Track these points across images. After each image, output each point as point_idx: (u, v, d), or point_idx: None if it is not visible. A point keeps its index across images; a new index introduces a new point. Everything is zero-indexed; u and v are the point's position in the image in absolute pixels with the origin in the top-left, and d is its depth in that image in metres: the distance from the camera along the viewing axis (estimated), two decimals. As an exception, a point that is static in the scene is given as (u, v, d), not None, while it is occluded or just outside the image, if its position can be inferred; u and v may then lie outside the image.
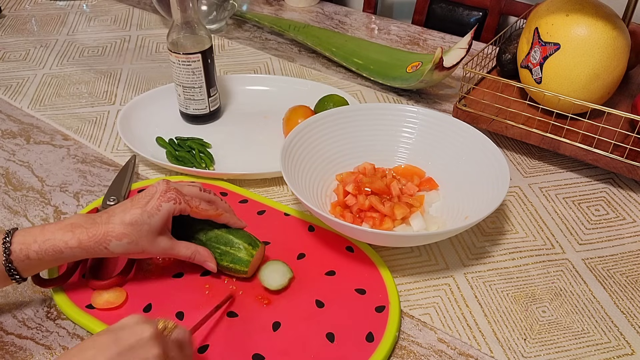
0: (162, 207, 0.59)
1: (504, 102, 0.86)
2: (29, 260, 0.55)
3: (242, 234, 0.64)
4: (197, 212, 0.61)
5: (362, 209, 0.71)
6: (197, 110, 0.90)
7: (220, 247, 0.63)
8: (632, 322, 0.63)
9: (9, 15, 1.32)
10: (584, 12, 0.76)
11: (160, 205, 0.59)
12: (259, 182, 0.81)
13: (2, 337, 0.60)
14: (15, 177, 0.83)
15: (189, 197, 0.61)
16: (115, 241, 0.57)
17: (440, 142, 0.79)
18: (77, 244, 0.56)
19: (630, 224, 0.75)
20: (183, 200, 0.60)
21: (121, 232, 0.57)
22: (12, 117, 0.96)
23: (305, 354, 0.57)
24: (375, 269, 0.66)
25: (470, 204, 0.70)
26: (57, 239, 0.56)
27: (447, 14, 1.38)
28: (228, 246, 0.63)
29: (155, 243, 0.59)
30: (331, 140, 0.79)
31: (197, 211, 0.61)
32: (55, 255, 0.56)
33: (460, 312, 0.64)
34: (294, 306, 0.62)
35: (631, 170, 0.76)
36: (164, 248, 0.60)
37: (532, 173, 0.84)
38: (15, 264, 0.55)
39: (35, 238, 0.55)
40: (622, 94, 0.90)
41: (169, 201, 0.59)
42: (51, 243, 0.55)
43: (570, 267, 0.69)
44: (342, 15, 1.33)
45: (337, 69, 1.11)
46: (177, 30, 0.85)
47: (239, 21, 1.30)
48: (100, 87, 1.05)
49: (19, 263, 0.55)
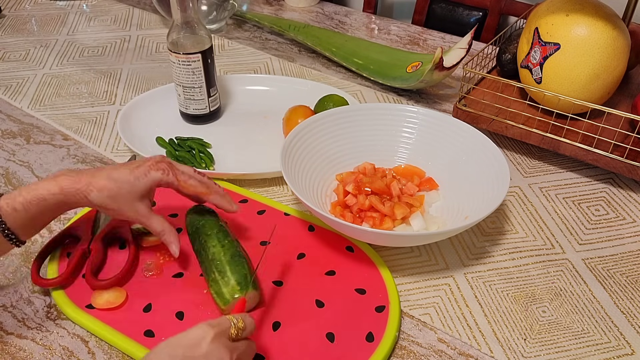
0: (149, 174, 0.60)
1: (504, 102, 0.86)
2: (16, 212, 0.55)
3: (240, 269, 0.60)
4: (185, 187, 0.63)
5: (362, 209, 0.71)
6: (197, 110, 0.90)
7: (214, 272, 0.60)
8: (632, 322, 0.63)
9: (9, 15, 1.32)
10: (584, 12, 0.76)
11: (148, 172, 0.60)
12: (259, 182, 0.81)
13: (2, 337, 0.60)
14: (15, 177, 0.83)
15: (179, 171, 0.63)
16: (96, 192, 0.58)
17: (440, 142, 0.79)
18: (59, 190, 0.57)
19: (630, 224, 0.75)
20: (172, 173, 0.62)
21: (104, 184, 0.58)
22: (12, 117, 0.96)
23: (305, 354, 0.57)
24: (375, 268, 0.66)
25: (470, 204, 0.70)
26: (40, 187, 0.57)
27: (447, 14, 1.38)
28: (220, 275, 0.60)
29: (133, 205, 0.60)
30: (331, 140, 0.79)
31: (185, 185, 0.63)
32: (39, 204, 0.56)
33: (460, 312, 0.64)
34: (294, 306, 0.62)
35: (631, 170, 0.76)
36: (139, 213, 0.61)
37: (532, 173, 0.84)
38: (3, 218, 0.55)
39: (20, 192, 0.56)
40: (622, 94, 0.90)
41: (158, 170, 0.61)
42: (34, 192, 0.56)
43: (570, 267, 0.69)
44: (342, 15, 1.33)
45: (337, 69, 1.11)
46: (177, 30, 0.85)
47: (239, 21, 1.30)
48: (100, 87, 1.05)
49: (7, 217, 0.55)
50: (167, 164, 0.62)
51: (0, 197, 0.56)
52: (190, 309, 0.62)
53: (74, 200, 0.58)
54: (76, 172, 0.59)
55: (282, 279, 0.65)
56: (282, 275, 0.65)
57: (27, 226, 0.57)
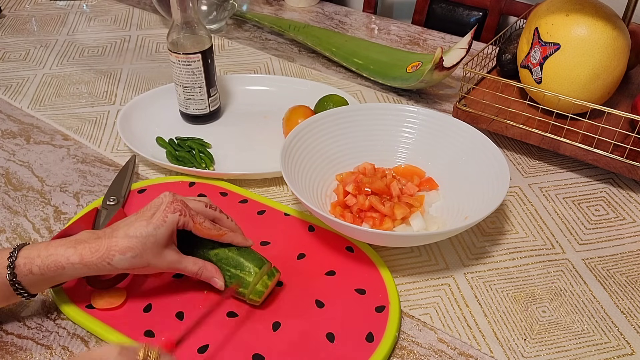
0: (168, 218, 0.57)
1: (504, 102, 0.86)
2: (32, 275, 0.54)
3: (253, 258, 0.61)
4: (200, 230, 0.59)
5: (362, 209, 0.71)
6: (197, 110, 0.90)
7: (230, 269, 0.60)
8: (632, 322, 0.63)
9: (9, 15, 1.32)
10: (584, 12, 0.76)
11: (166, 217, 0.57)
12: (259, 182, 0.81)
13: (2, 337, 0.60)
14: (15, 177, 0.83)
15: (194, 212, 0.59)
16: (119, 255, 0.55)
17: (440, 142, 0.79)
18: (79, 260, 0.55)
19: (630, 224, 0.75)
20: (188, 214, 0.58)
21: (125, 246, 0.55)
22: (12, 117, 0.96)
23: (305, 354, 0.57)
24: (375, 269, 0.66)
25: (470, 204, 0.70)
26: (60, 254, 0.54)
27: (447, 14, 1.38)
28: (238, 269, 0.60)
29: (162, 256, 0.57)
30: (331, 140, 0.79)
31: (200, 228, 0.59)
32: (57, 271, 0.54)
33: (460, 312, 0.64)
34: (294, 306, 0.62)
35: (631, 170, 0.76)
36: (171, 262, 0.58)
37: (532, 173, 0.84)
38: (19, 279, 0.54)
39: (39, 253, 0.55)
40: (622, 94, 0.90)
41: (174, 212, 0.57)
42: (53, 258, 0.54)
43: (570, 267, 0.69)
44: (342, 15, 1.33)
45: (337, 69, 1.11)
46: (177, 30, 0.85)
47: (239, 21, 1.30)
48: (100, 87, 1.05)
49: (23, 278, 0.54)
50: (180, 203, 0.58)
51: (19, 251, 0.55)
52: (190, 309, 0.62)
53: (95, 269, 0.55)
54: (95, 236, 0.56)
55: (282, 279, 0.65)
56: (282, 275, 0.65)
57: (41, 286, 0.57)
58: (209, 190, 0.78)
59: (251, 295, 0.60)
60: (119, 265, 0.56)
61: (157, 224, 0.56)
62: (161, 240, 0.57)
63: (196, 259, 0.60)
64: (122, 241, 0.55)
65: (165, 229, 0.57)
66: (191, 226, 0.59)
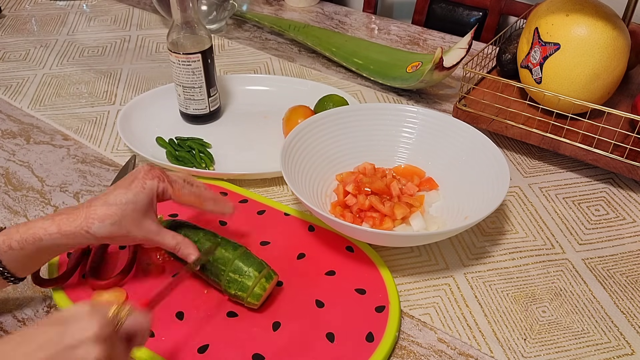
0: (146, 185, 0.57)
1: (504, 102, 0.86)
2: (11, 250, 0.53)
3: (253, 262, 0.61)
4: (179, 196, 0.60)
5: (362, 209, 0.71)
6: (197, 110, 0.90)
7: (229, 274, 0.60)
8: (632, 322, 0.63)
9: (9, 15, 1.32)
10: (584, 12, 0.76)
11: (145, 183, 0.57)
12: (259, 182, 0.81)
13: (2, 337, 0.60)
14: (15, 177, 0.83)
15: (171, 179, 0.60)
16: (98, 223, 0.54)
17: (440, 142, 0.79)
18: (56, 230, 0.54)
19: (630, 224, 0.75)
20: (167, 180, 0.59)
21: (104, 213, 0.54)
22: (12, 117, 0.96)
23: (305, 354, 0.57)
24: (375, 269, 0.66)
25: (470, 204, 0.70)
26: (37, 226, 0.54)
27: (447, 14, 1.38)
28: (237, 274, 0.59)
29: (141, 225, 0.57)
30: (331, 140, 0.79)
31: (179, 194, 0.60)
32: (35, 243, 0.54)
33: (460, 312, 0.64)
34: (294, 306, 0.62)
35: (631, 170, 0.76)
36: (149, 231, 0.58)
37: (532, 173, 0.84)
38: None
39: (18, 229, 0.54)
40: (622, 94, 0.90)
41: (153, 179, 0.58)
42: (32, 231, 0.54)
43: (570, 267, 0.69)
44: (342, 15, 1.33)
45: (337, 69, 1.11)
46: (177, 30, 0.85)
47: (239, 21, 1.30)
48: (100, 87, 1.05)
49: (3, 255, 0.53)
50: (158, 170, 0.59)
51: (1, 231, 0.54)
52: (190, 309, 0.62)
53: (74, 238, 0.55)
54: (73, 208, 0.56)
55: (282, 279, 0.65)
56: (282, 275, 0.65)
57: (24, 264, 0.55)
58: (209, 190, 0.78)
59: (249, 299, 0.59)
60: (97, 233, 0.55)
61: (136, 190, 0.56)
62: (140, 207, 0.56)
63: (175, 234, 0.60)
64: (101, 209, 0.55)
65: (144, 195, 0.57)
66: (170, 192, 0.59)
